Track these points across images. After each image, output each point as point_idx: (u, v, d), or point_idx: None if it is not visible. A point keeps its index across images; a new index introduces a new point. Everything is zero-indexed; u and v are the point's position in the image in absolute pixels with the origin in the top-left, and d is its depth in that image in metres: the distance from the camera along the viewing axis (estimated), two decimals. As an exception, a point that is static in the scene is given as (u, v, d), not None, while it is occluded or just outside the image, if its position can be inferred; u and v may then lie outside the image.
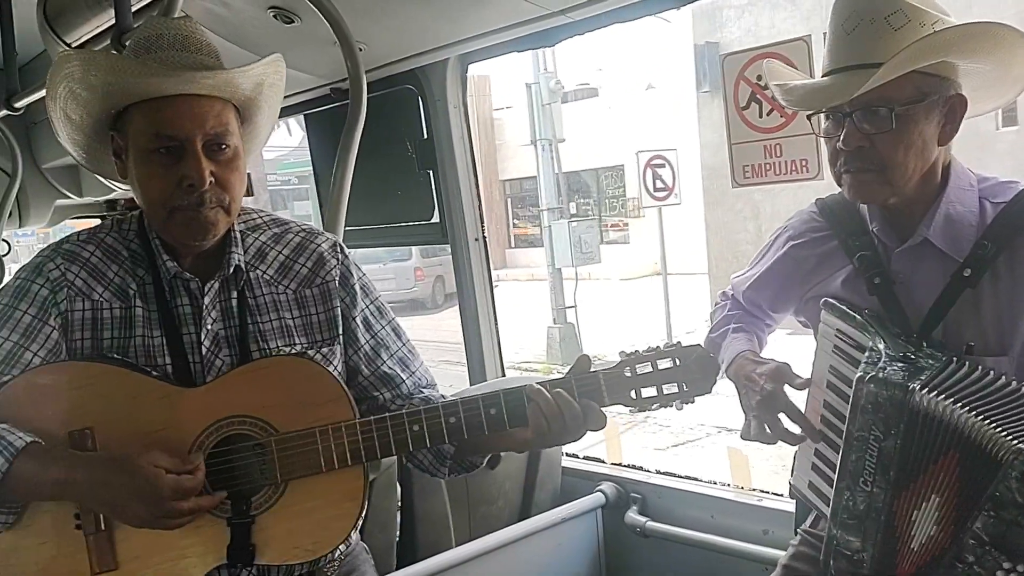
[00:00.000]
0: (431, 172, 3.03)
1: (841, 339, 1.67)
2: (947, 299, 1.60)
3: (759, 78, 2.19)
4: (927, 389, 1.49)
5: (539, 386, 1.57)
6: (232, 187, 1.60)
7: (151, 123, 1.54)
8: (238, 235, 1.70)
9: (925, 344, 1.59)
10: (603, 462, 2.83)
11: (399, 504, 2.44)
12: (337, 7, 2.24)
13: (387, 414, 1.59)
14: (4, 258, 4.31)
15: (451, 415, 1.57)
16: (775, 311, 1.93)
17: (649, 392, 1.62)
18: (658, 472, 2.67)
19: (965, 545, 1.44)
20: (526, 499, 2.67)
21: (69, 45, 3.09)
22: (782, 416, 1.68)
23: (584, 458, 2.83)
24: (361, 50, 2.62)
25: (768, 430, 1.69)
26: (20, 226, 4.36)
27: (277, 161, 26.52)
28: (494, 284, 3.10)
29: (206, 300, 1.64)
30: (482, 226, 3.00)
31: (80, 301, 1.61)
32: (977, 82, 1.60)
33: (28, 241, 16.83)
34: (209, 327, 1.64)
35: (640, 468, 2.71)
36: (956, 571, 1.45)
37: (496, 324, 2.98)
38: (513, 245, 26.51)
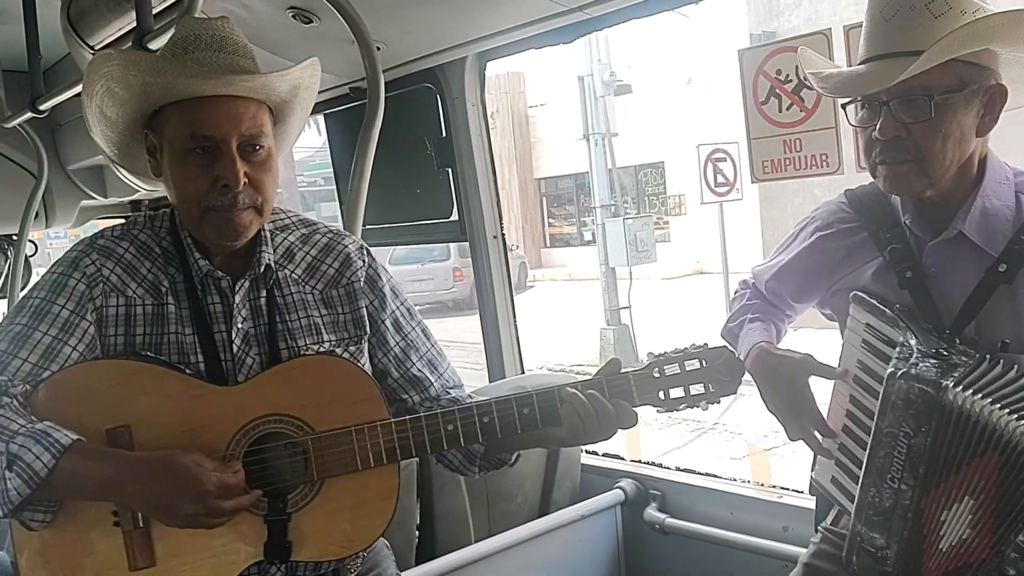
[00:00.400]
0: (450, 170, 3.04)
1: (870, 334, 1.65)
2: (981, 295, 1.59)
3: (778, 72, 2.19)
4: (961, 387, 1.48)
5: (573, 388, 1.60)
6: (265, 188, 1.61)
7: (188, 123, 1.55)
8: (268, 235, 1.71)
9: (958, 341, 1.58)
10: (622, 459, 2.84)
11: (418, 502, 2.46)
12: (355, 7, 2.25)
13: (422, 413, 1.61)
14: (32, 259, 4.35)
15: (485, 415, 1.59)
16: (798, 302, 1.91)
17: (677, 393, 1.65)
18: (677, 469, 2.68)
19: (1007, 559, 1.43)
20: (545, 496, 2.68)
21: (92, 48, 3.10)
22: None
23: (603, 455, 2.84)
24: (379, 49, 2.63)
25: (799, 429, 1.70)
26: (46, 226, 4.38)
27: (304, 163, 26.55)
28: (529, 284, 3.12)
29: (237, 298, 1.66)
30: (500, 224, 3.01)
31: (115, 297, 1.62)
32: (1017, 72, 1.58)
33: (61, 243, 16.88)
34: (240, 325, 1.65)
35: (659, 465, 2.73)
36: None
37: (515, 321, 2.99)
38: (548, 244, 26.22)
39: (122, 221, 1.79)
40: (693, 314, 14.93)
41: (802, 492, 2.33)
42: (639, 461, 2.79)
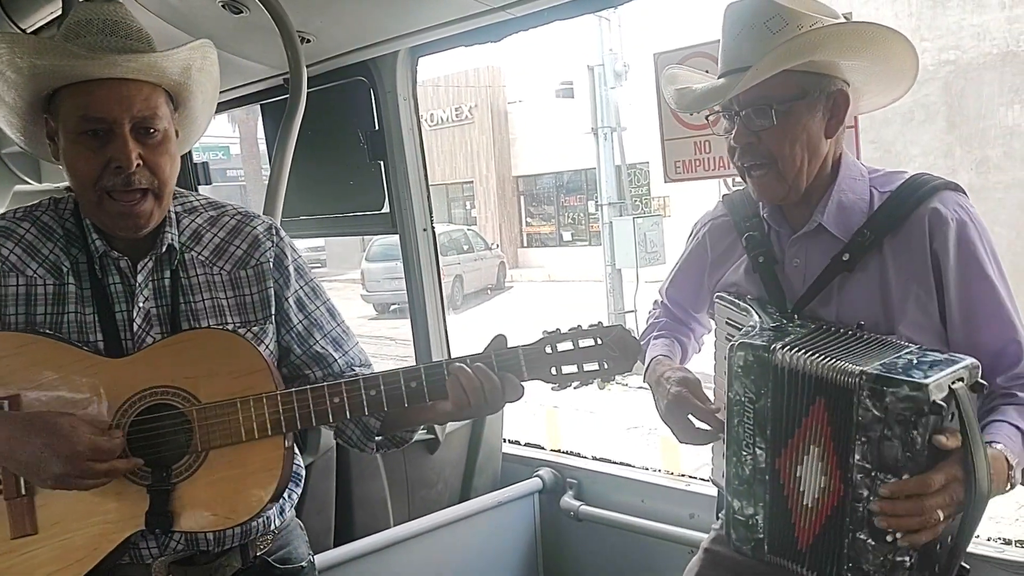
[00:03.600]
0: (382, 163, 3.08)
1: (731, 326, 1.78)
2: (823, 280, 1.71)
3: (690, 76, 2.26)
4: (788, 347, 1.57)
5: (460, 363, 1.63)
6: (161, 170, 1.63)
7: (78, 106, 1.58)
8: (173, 216, 1.74)
9: (796, 317, 1.70)
10: (542, 448, 2.89)
11: (336, 487, 2.49)
12: (287, 3, 2.29)
13: (308, 386, 1.63)
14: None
15: (371, 388, 1.62)
16: (696, 310, 2.02)
17: (570, 369, 1.67)
18: (594, 458, 2.73)
19: (855, 482, 1.47)
20: (466, 483, 2.73)
21: (24, 31, 3.12)
22: (692, 418, 1.77)
23: (524, 444, 2.89)
24: (309, 41, 2.67)
25: (680, 430, 1.77)
26: (-24, 211, 4.36)
27: (263, 155, 26.35)
28: (508, 284, 3.15)
29: (139, 278, 1.68)
30: (431, 217, 3.05)
31: (14, 276, 1.65)
32: (863, 77, 1.70)
33: None
34: (141, 305, 1.68)
35: (577, 454, 2.77)
36: (859, 512, 1.48)
37: (444, 315, 3.02)
38: (525, 244, 26.08)
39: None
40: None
41: (707, 480, 2.39)
42: (558, 450, 2.83)
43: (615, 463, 2.68)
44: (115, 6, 1.67)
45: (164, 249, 1.70)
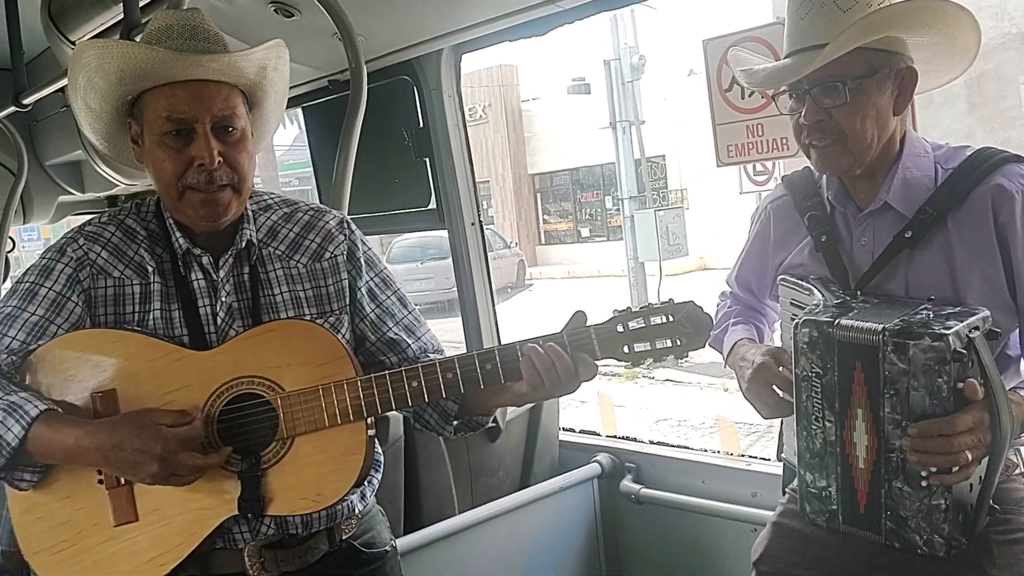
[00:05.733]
0: (427, 160, 3.13)
1: (796, 307, 1.80)
2: (886, 257, 1.74)
3: (741, 60, 2.29)
4: (849, 320, 1.60)
5: (533, 343, 1.66)
6: (241, 166, 1.69)
7: (163, 107, 1.64)
8: (250, 214, 1.80)
9: (860, 293, 1.73)
10: (598, 434, 2.92)
11: (404, 475, 2.54)
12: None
13: (387, 371, 1.67)
14: (9, 254, 4.40)
15: (448, 371, 1.65)
16: (764, 295, 2.04)
17: (642, 347, 1.67)
18: (651, 442, 2.77)
19: (887, 433, 1.53)
20: (525, 470, 2.77)
21: (73, 43, 3.19)
22: (776, 389, 1.78)
23: (580, 431, 2.92)
24: (361, 39, 2.72)
25: (764, 403, 1.79)
26: (24, 222, 4.44)
27: (278, 162, 26.55)
28: (528, 283, 3.19)
29: (221, 273, 1.74)
30: (478, 211, 3.09)
31: (102, 279, 1.71)
32: (927, 55, 1.72)
33: (35, 246, 16.94)
34: (223, 299, 1.74)
35: (634, 439, 2.81)
36: (893, 462, 1.54)
37: (494, 306, 3.07)
38: (543, 242, 26.11)
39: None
40: (709, 309, 14.65)
41: (769, 460, 2.42)
42: (614, 436, 2.87)
43: (673, 446, 2.71)
44: (193, 12, 1.73)
45: (243, 245, 1.76)
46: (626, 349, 1.68)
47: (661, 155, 21.44)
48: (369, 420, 1.67)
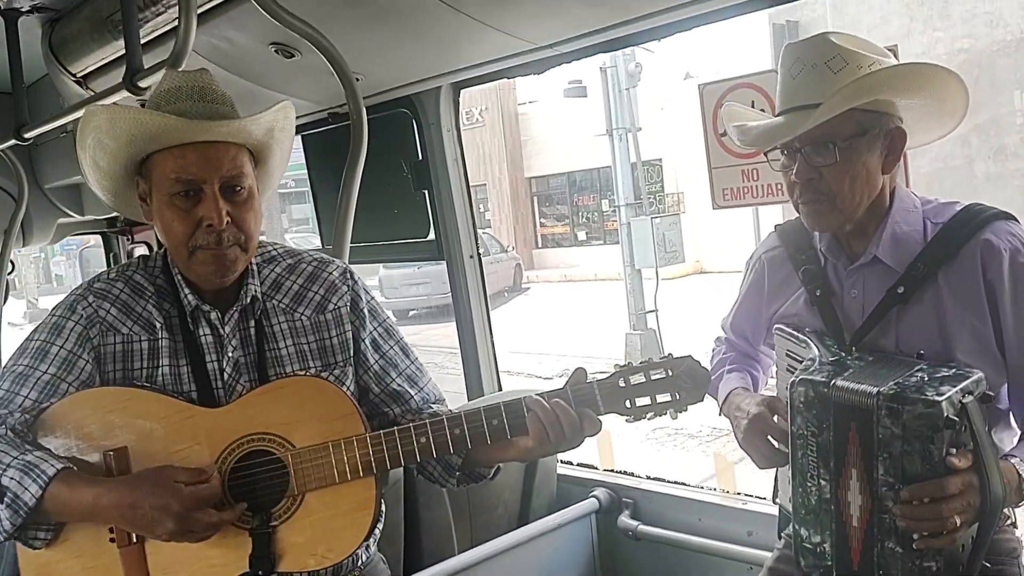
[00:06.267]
0: (426, 192, 3.16)
1: (791, 358, 1.84)
2: (880, 311, 1.77)
3: (736, 107, 2.33)
4: (844, 381, 1.63)
5: (537, 397, 1.70)
6: (248, 225, 1.73)
7: (172, 169, 1.67)
8: (255, 268, 1.83)
9: (854, 350, 1.76)
10: (596, 468, 2.95)
11: (404, 515, 2.56)
12: (336, 43, 2.36)
13: (395, 427, 1.71)
14: (10, 276, 4.42)
15: (455, 426, 1.69)
16: (759, 342, 2.08)
17: (643, 401, 1.73)
18: (648, 478, 2.80)
19: (881, 495, 1.57)
20: (524, 506, 2.80)
21: (74, 75, 3.22)
22: (771, 439, 1.82)
23: (578, 464, 2.95)
24: (359, 80, 2.75)
25: (760, 453, 1.83)
26: (23, 245, 4.47)
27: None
28: (524, 286, 3.21)
29: (226, 329, 1.78)
30: (476, 244, 3.12)
31: (112, 335, 1.75)
32: (918, 115, 1.76)
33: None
34: (230, 354, 1.77)
35: (631, 474, 2.84)
36: (886, 523, 1.57)
37: (492, 340, 3.10)
38: (540, 245, 26.15)
39: (97, 238, 1.91)
40: (704, 315, 14.70)
41: (765, 499, 2.44)
42: (612, 470, 2.90)
43: (670, 482, 2.74)
44: (201, 73, 1.77)
45: (248, 300, 1.80)
46: (628, 404, 1.73)
47: (658, 158, 21.48)
48: (378, 476, 1.71)
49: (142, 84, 2.34)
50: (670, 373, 1.73)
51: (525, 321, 15.40)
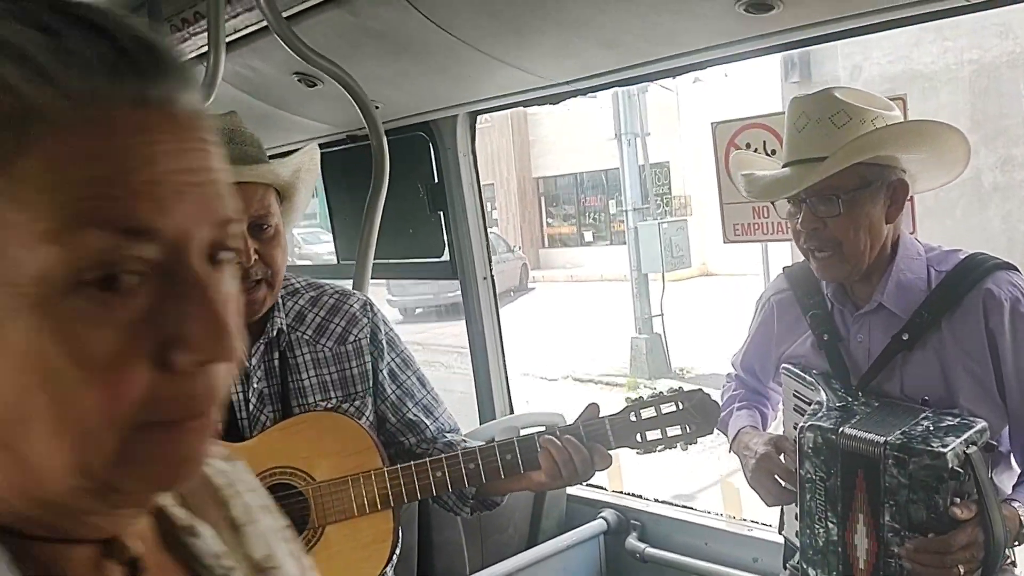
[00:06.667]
0: (442, 213, 3.22)
1: (798, 399, 1.91)
2: (885, 357, 1.83)
3: (748, 145, 2.38)
4: (852, 428, 1.70)
5: (550, 435, 1.76)
6: (275, 261, 1.79)
7: None
8: (280, 301, 1.90)
9: (861, 395, 1.82)
10: (604, 489, 3.01)
11: (417, 536, 2.63)
12: (356, 73, 2.43)
13: (412, 462, 1.78)
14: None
15: (470, 461, 1.76)
16: (768, 379, 2.14)
17: (654, 435, 1.78)
18: (656, 500, 2.86)
19: (887, 540, 1.64)
20: (534, 526, 2.86)
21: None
22: (778, 478, 1.88)
23: (587, 485, 3.01)
24: (378, 108, 2.82)
25: (768, 492, 1.89)
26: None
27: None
28: (530, 286, 3.24)
29: (252, 361, 1.84)
30: (490, 266, 3.18)
31: None
32: (919, 165, 1.82)
33: None
34: (255, 386, 1.84)
35: (639, 496, 2.90)
36: (892, 567, 1.64)
37: (504, 362, 3.15)
38: (547, 245, 26.20)
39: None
40: (710, 317, 14.78)
41: (770, 526, 2.50)
42: (620, 492, 2.96)
43: (677, 506, 2.80)
44: (231, 116, 1.84)
45: (275, 334, 1.86)
46: (639, 438, 1.80)
47: (666, 161, 21.51)
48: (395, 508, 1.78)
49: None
50: (681, 406, 1.78)
51: (531, 321, 15.44)
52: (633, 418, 1.79)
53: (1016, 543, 1.69)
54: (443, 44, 2.26)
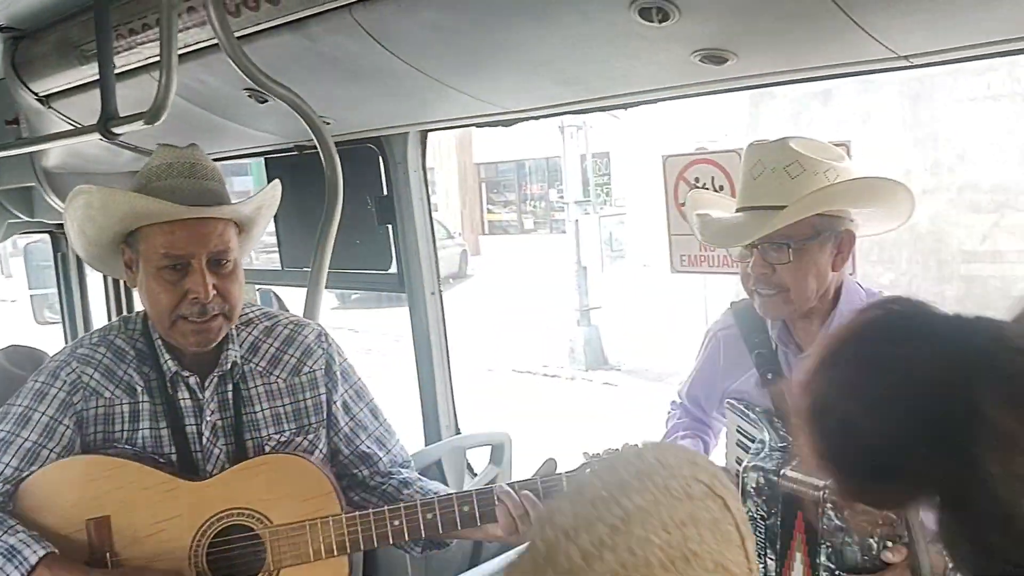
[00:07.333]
0: (390, 226, 3.21)
1: (741, 435, 1.98)
2: None
3: (696, 180, 2.44)
4: (792, 471, 1.77)
5: (508, 487, 1.79)
6: (232, 296, 1.80)
7: (161, 244, 1.73)
8: (233, 333, 1.89)
9: None
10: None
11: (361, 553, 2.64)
12: (308, 93, 2.41)
13: (371, 510, 1.80)
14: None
15: (428, 511, 1.79)
16: (711, 410, 2.21)
17: None
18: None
19: None
20: (476, 543, 2.88)
21: (37, 94, 3.19)
22: None
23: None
24: (328, 124, 2.80)
25: None
26: (-28, 242, 4.43)
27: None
28: (470, 273, 3.23)
29: (206, 394, 1.84)
30: (439, 281, 3.18)
31: (94, 399, 1.80)
32: (865, 215, 1.91)
33: None
34: (208, 418, 1.84)
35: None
36: None
37: (451, 380, 3.17)
38: (487, 232, 26.22)
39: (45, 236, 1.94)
40: (647, 310, 15.00)
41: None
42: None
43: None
44: (192, 149, 1.82)
45: (228, 366, 1.85)
46: None
47: (606, 152, 21.68)
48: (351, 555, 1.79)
49: (116, 131, 2.36)
50: None
51: (471, 309, 15.46)
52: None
53: None
54: (401, 72, 2.26)
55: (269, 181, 3.66)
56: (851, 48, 1.75)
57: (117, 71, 2.54)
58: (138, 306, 1.97)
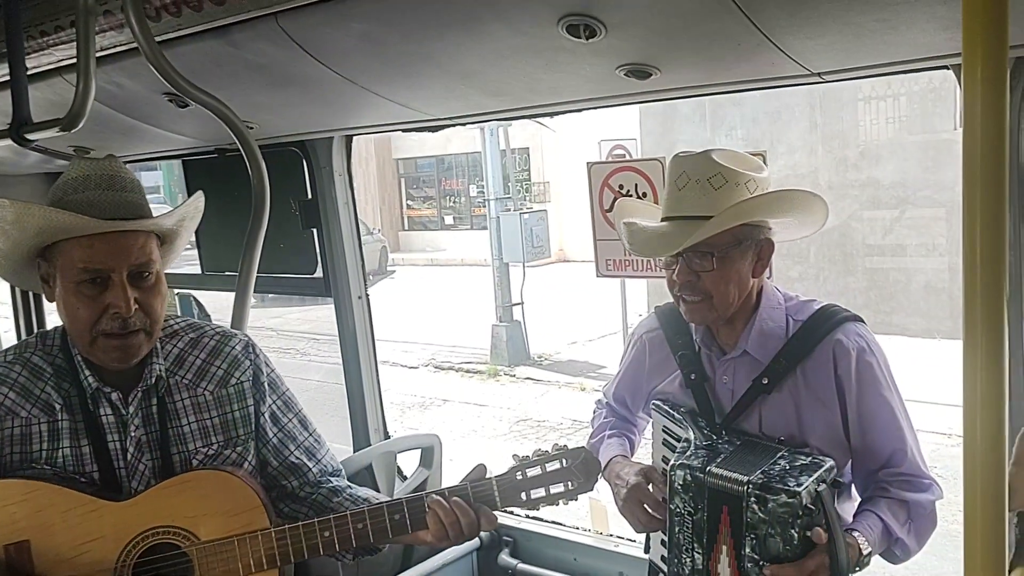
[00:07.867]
0: (315, 230, 3.19)
1: (667, 434, 2.05)
2: (747, 399, 1.99)
3: (620, 187, 2.51)
4: (717, 467, 1.86)
5: (438, 496, 1.80)
6: (154, 310, 1.75)
7: (79, 258, 1.67)
8: (158, 346, 1.85)
9: (724, 432, 1.98)
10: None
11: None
12: (232, 98, 2.37)
13: (300, 523, 1.78)
14: None
15: (358, 522, 1.77)
16: (637, 410, 2.28)
17: (538, 493, 1.83)
18: (527, 517, 2.97)
19: (748, 570, 1.81)
20: (408, 546, 2.90)
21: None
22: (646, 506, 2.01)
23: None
24: (252, 128, 2.76)
25: (638, 519, 2.01)
26: None
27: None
28: (390, 269, 3.21)
29: (130, 409, 1.79)
30: (365, 285, 3.18)
31: (10, 419, 1.74)
32: (782, 224, 1.99)
33: None
34: (132, 434, 1.79)
35: (511, 513, 3.00)
36: None
37: (379, 385, 3.17)
38: (407, 228, 26.06)
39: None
40: (567, 303, 15.06)
41: (635, 542, 2.66)
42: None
43: (547, 522, 2.92)
44: (110, 160, 1.77)
45: (153, 380, 1.82)
46: (524, 496, 1.84)
47: (526, 147, 21.83)
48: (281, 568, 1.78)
49: (30, 137, 2.29)
50: (565, 464, 1.83)
51: (391, 306, 15.37)
52: (519, 476, 1.83)
53: (857, 568, 1.89)
54: (328, 80, 2.25)
55: (188, 183, 3.69)
56: (768, 65, 1.83)
57: (28, 72, 2.46)
58: (50, 319, 1.91)
